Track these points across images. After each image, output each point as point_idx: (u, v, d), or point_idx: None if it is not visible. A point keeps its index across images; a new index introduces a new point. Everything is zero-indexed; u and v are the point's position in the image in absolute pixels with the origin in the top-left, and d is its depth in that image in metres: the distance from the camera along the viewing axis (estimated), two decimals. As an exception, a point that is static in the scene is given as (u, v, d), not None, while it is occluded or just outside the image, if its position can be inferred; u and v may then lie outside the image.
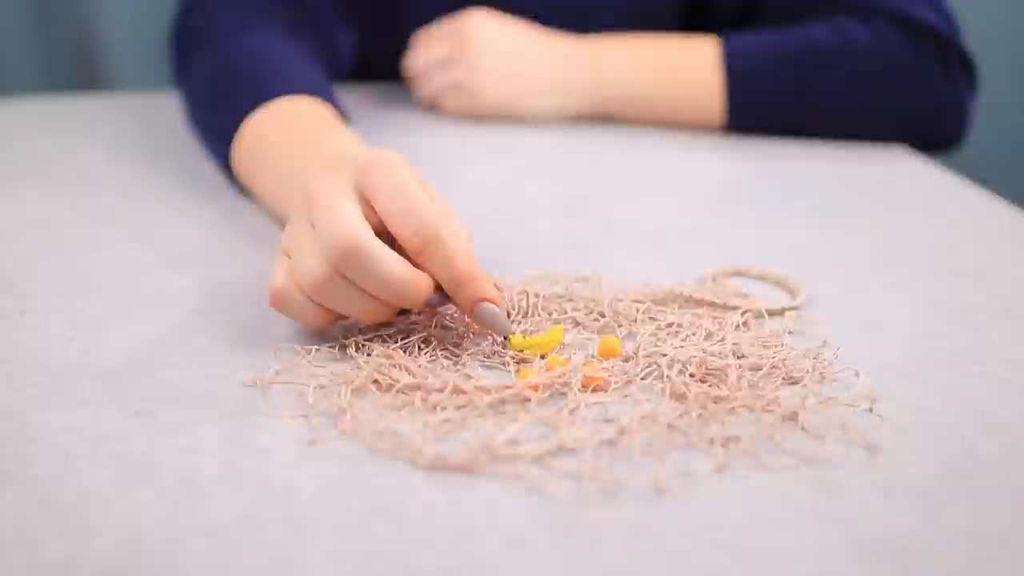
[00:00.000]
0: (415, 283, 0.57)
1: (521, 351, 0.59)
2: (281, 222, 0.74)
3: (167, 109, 1.09)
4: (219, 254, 0.75)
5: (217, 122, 0.86)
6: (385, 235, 0.59)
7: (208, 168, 0.92)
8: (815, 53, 1.06)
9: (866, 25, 1.07)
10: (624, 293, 0.67)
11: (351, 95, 1.14)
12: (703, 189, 0.99)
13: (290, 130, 0.78)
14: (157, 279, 0.71)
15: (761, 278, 0.72)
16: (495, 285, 0.59)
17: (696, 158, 1.04)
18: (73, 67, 1.66)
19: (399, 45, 1.16)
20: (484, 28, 1.08)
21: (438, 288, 0.59)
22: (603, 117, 1.10)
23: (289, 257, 0.60)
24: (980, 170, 1.27)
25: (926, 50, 1.06)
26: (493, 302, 0.58)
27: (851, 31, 1.06)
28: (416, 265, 0.58)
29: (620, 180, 0.97)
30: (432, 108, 1.12)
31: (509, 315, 0.62)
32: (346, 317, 0.60)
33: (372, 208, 0.59)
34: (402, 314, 0.61)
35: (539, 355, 0.59)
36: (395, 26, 1.18)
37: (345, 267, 0.57)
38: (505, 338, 0.59)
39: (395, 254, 0.57)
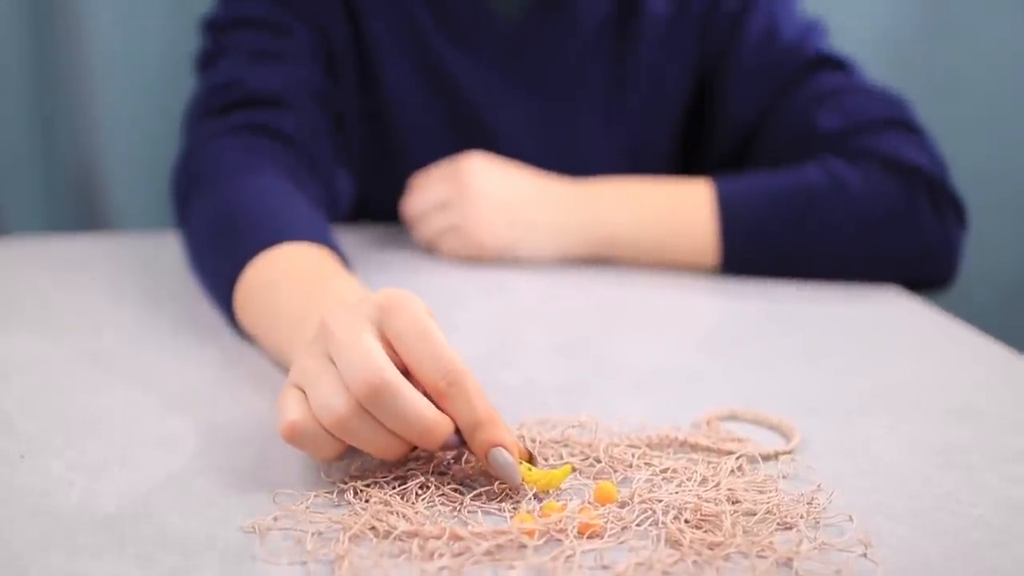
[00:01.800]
0: (438, 424, 0.59)
1: (531, 485, 0.60)
2: (284, 366, 0.75)
3: (168, 249, 1.11)
4: (219, 396, 0.76)
5: (219, 266, 0.87)
6: (403, 374, 0.59)
7: (208, 309, 0.93)
8: (808, 196, 1.08)
9: (857, 167, 1.09)
10: (620, 438, 0.67)
11: (349, 236, 1.15)
12: (697, 330, 1.00)
13: (294, 275, 0.80)
14: (157, 422, 0.71)
15: (755, 422, 0.73)
16: (511, 432, 0.60)
17: (690, 298, 1.05)
18: (75, 207, 1.67)
19: (397, 188, 1.18)
20: (481, 172, 1.10)
21: (455, 430, 0.60)
22: (599, 258, 1.11)
23: (301, 391, 0.61)
24: (972, 308, 1.28)
25: (917, 192, 1.08)
26: (507, 449, 0.59)
27: (843, 173, 1.08)
28: (436, 406, 0.59)
29: (615, 321, 0.98)
30: (430, 251, 1.14)
31: (533, 459, 0.63)
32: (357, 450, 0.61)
33: (391, 347, 0.60)
34: (412, 451, 0.62)
35: (547, 489, 0.60)
36: (393, 169, 1.20)
37: (371, 404, 0.58)
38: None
39: (420, 394, 0.58)
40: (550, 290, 1.06)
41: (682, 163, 1.26)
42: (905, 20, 1.67)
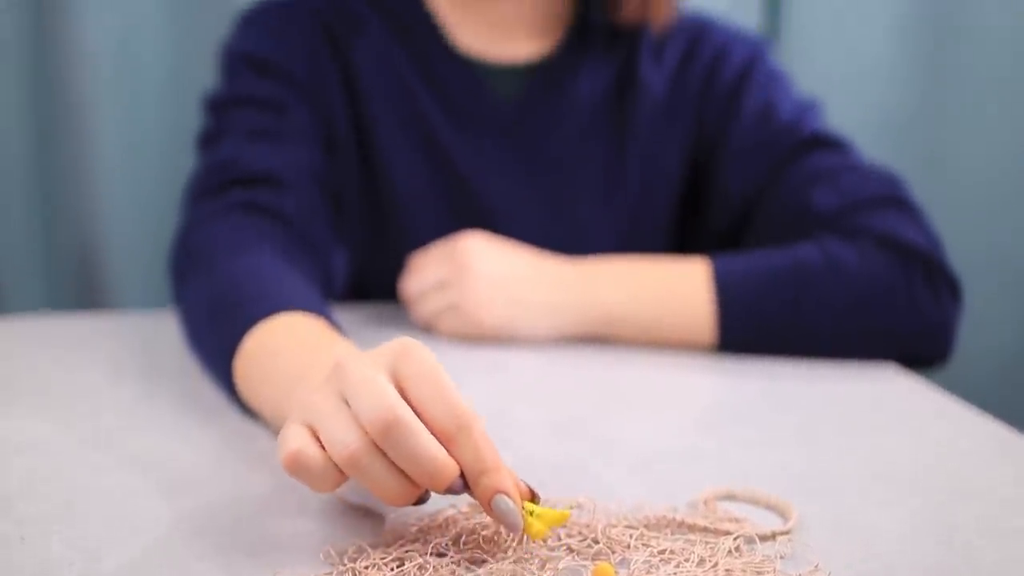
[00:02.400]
0: (446, 466, 0.60)
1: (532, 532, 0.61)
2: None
3: (168, 328, 1.11)
4: (219, 477, 0.76)
5: (217, 341, 0.88)
6: None
7: (208, 389, 0.94)
8: (803, 274, 1.08)
9: (853, 245, 1.10)
10: (617, 518, 0.68)
11: (348, 314, 1.16)
12: (694, 409, 1.00)
13: (293, 342, 0.81)
14: (157, 503, 0.71)
15: (753, 501, 0.73)
16: (514, 476, 0.62)
17: (687, 377, 1.05)
18: (74, 285, 1.68)
19: (396, 266, 1.19)
20: (478, 251, 1.11)
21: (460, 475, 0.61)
22: (596, 337, 1.12)
23: (306, 427, 0.62)
24: (970, 385, 1.28)
25: (912, 270, 1.09)
26: (510, 496, 0.60)
27: (838, 251, 1.09)
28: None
29: (612, 399, 0.99)
30: (428, 329, 1.14)
31: (536, 497, 0.64)
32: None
33: (402, 391, 0.61)
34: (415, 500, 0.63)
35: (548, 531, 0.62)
36: (392, 247, 1.21)
37: (385, 440, 0.59)
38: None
39: (431, 435, 0.60)
40: (547, 369, 1.06)
41: (679, 240, 1.28)
42: (902, 99, 1.69)
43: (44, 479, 0.75)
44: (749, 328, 1.08)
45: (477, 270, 1.10)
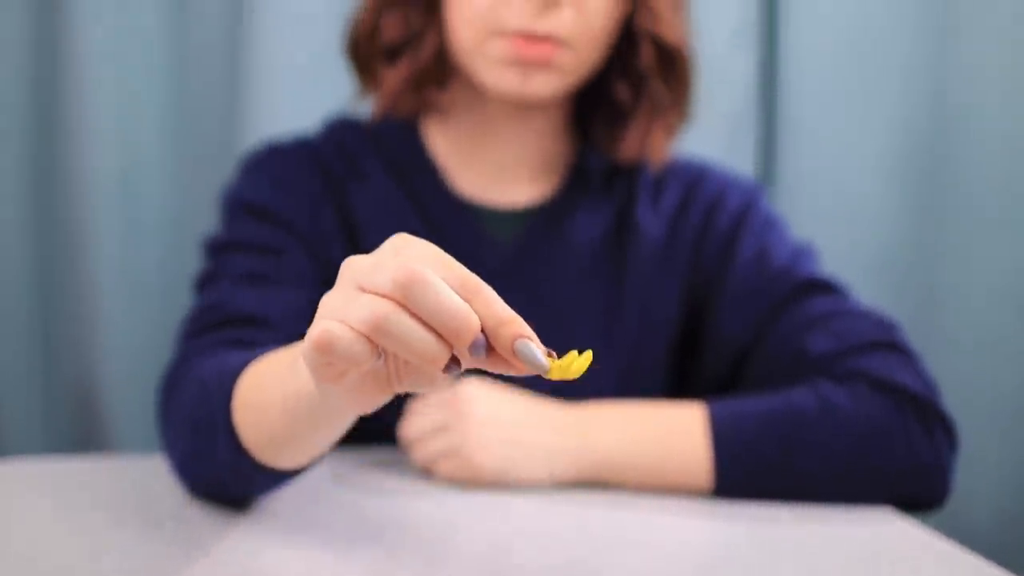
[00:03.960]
0: (470, 316, 0.64)
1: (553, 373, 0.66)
2: (306, 393, 0.78)
3: (167, 471, 1.11)
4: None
5: (206, 416, 0.92)
6: None
7: (209, 530, 0.94)
8: (798, 418, 1.09)
9: (847, 388, 1.11)
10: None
11: (348, 458, 1.16)
12: (690, 553, 1.00)
13: (280, 357, 0.85)
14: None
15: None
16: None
17: (684, 521, 1.05)
18: (74, 428, 1.69)
19: (395, 409, 1.19)
20: (477, 396, 1.12)
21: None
22: (594, 481, 1.12)
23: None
24: (966, 528, 1.28)
25: (907, 413, 1.09)
26: (530, 339, 0.65)
27: (832, 395, 1.10)
28: None
29: (609, 544, 0.98)
30: (427, 473, 1.14)
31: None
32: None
33: None
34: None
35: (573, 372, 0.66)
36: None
37: (409, 296, 0.63)
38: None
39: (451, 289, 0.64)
40: (544, 512, 1.06)
41: (675, 383, 1.28)
42: (895, 238, 1.71)
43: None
44: (745, 473, 1.09)
45: (476, 414, 1.10)
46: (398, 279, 0.62)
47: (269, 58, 1.64)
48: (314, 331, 0.63)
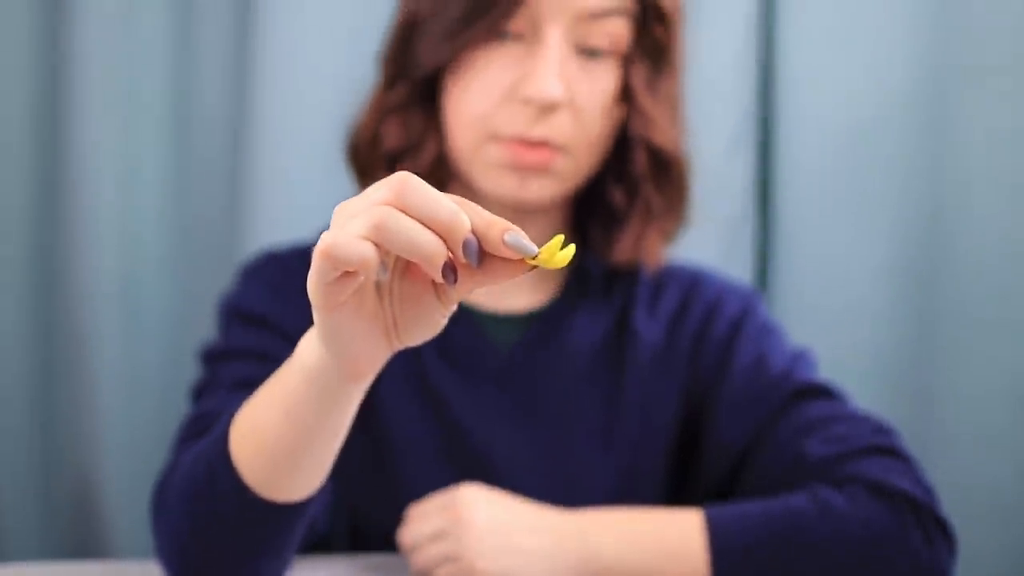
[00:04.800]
0: (459, 212, 0.70)
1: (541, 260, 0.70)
2: (316, 356, 0.82)
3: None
4: None
5: (206, 461, 0.94)
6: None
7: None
8: (796, 523, 1.09)
9: (844, 493, 1.10)
10: None
11: (348, 565, 1.16)
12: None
13: (268, 381, 0.90)
14: None
15: None
16: None
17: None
18: (72, 533, 1.68)
19: (394, 516, 1.18)
20: (476, 502, 1.11)
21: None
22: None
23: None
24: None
25: (904, 516, 1.09)
26: (517, 233, 0.70)
27: (829, 499, 1.10)
28: None
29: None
30: (426, 579, 1.14)
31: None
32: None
33: None
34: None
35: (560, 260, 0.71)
36: (390, 497, 1.21)
37: (403, 197, 0.69)
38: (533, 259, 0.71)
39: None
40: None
41: (673, 488, 1.28)
42: (891, 340, 1.70)
43: None
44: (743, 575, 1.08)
45: (474, 521, 1.10)
46: (392, 184, 0.69)
47: (271, 162, 1.66)
48: (320, 244, 0.68)
